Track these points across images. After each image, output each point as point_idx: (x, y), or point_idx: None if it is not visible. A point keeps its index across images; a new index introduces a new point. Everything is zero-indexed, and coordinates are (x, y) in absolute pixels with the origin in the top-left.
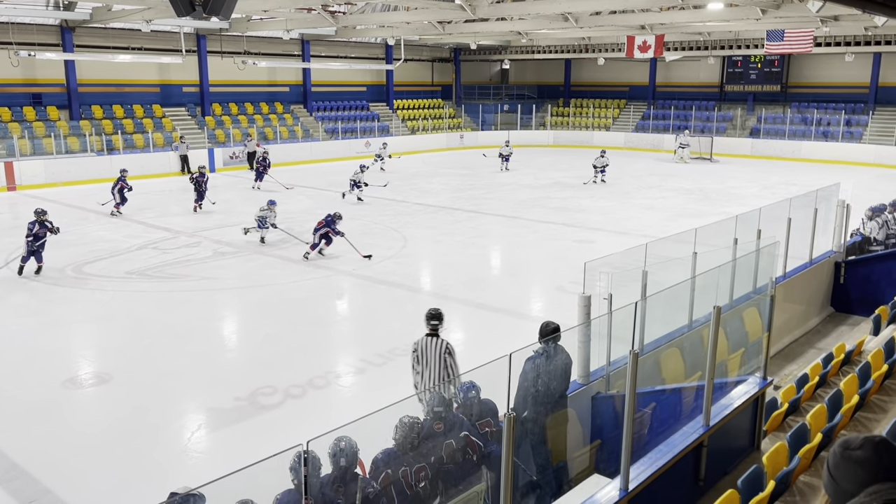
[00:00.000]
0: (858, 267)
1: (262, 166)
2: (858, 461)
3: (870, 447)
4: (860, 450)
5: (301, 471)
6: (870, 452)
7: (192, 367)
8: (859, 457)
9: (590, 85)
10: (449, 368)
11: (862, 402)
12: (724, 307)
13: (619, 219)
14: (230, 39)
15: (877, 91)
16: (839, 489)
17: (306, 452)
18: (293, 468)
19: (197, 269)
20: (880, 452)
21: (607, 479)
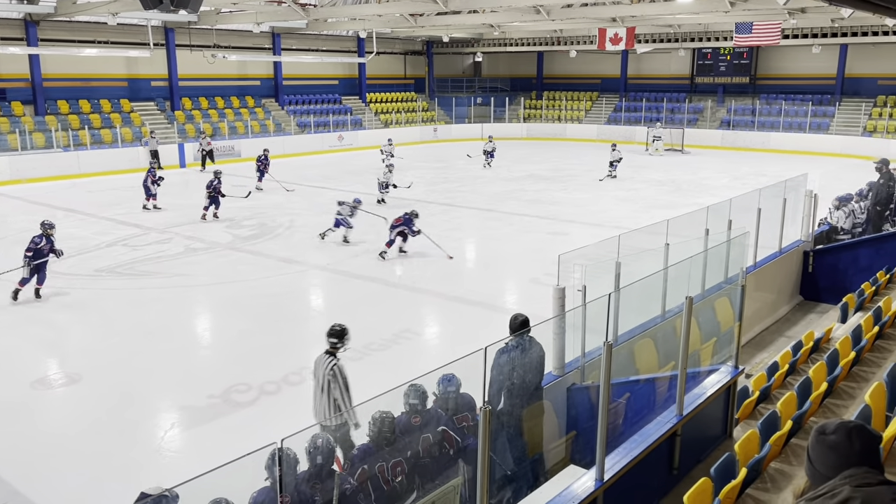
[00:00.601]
0: (826, 256)
1: (264, 165)
2: (831, 445)
3: (843, 432)
4: (834, 434)
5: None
6: (842, 437)
7: (165, 365)
8: (832, 441)
9: (562, 77)
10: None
11: (830, 389)
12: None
13: (592, 211)
14: (199, 33)
15: (843, 82)
16: (816, 472)
17: (281, 450)
18: (268, 466)
19: (168, 266)
20: (852, 438)
21: (583, 470)
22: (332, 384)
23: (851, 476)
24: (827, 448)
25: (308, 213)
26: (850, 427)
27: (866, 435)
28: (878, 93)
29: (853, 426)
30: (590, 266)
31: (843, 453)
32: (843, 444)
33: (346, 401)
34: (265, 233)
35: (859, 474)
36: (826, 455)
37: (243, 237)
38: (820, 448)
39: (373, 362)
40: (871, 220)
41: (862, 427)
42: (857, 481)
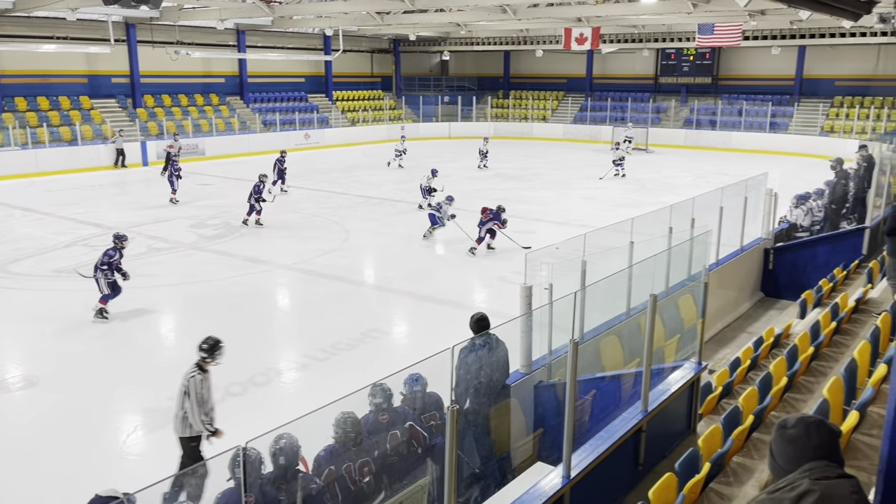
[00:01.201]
0: (786, 253)
1: (282, 166)
2: (790, 439)
3: (802, 426)
4: (793, 429)
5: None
6: (801, 431)
7: (127, 367)
8: (791, 435)
9: (529, 77)
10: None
11: (790, 384)
12: (661, 295)
13: (558, 209)
14: (161, 29)
15: (801, 83)
16: (777, 466)
17: (245, 449)
18: (231, 467)
19: (130, 266)
20: (811, 432)
21: (550, 467)
22: (185, 397)
23: (811, 469)
24: (786, 442)
25: (274, 213)
26: (809, 422)
27: (825, 429)
28: (836, 93)
29: (812, 421)
30: (556, 264)
31: (800, 447)
32: (801, 438)
33: (194, 415)
34: (230, 232)
35: (819, 468)
36: (785, 449)
37: (208, 237)
38: (780, 442)
39: (340, 362)
40: (828, 218)
41: (821, 422)
42: (816, 474)
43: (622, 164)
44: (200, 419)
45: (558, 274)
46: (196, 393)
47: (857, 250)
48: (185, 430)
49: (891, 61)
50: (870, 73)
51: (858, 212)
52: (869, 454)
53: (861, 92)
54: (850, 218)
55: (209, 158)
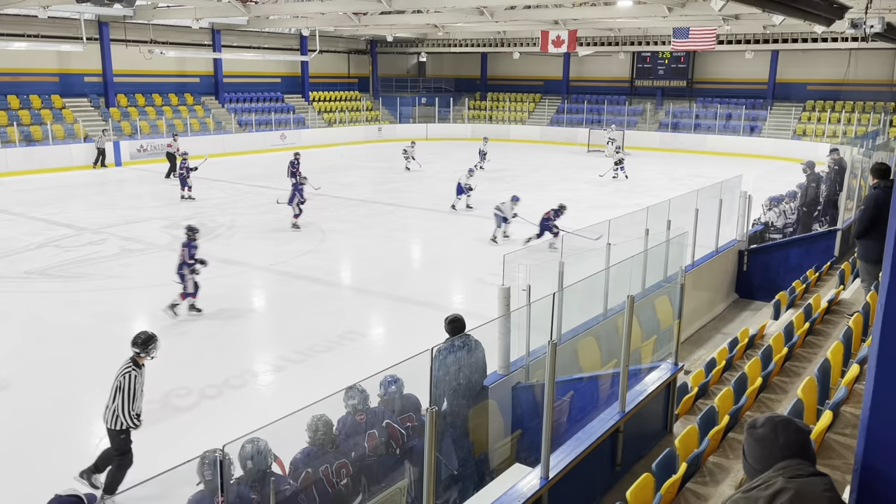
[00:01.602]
0: (760, 255)
1: (296, 168)
2: (758, 439)
3: (769, 426)
4: (762, 428)
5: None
6: (769, 431)
7: (99, 370)
8: (760, 435)
9: (506, 79)
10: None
11: (765, 384)
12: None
13: (536, 211)
14: (135, 27)
15: (774, 87)
16: (749, 466)
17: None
18: (200, 471)
19: (103, 268)
20: (778, 431)
21: (528, 469)
22: (118, 392)
23: (784, 468)
24: (755, 441)
25: (249, 213)
26: (776, 421)
27: (792, 428)
28: (808, 97)
29: (779, 420)
30: (534, 266)
31: (768, 446)
32: (768, 438)
33: (125, 411)
34: (205, 233)
35: (792, 466)
36: (754, 448)
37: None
38: (750, 442)
39: (317, 364)
40: (801, 220)
41: (788, 421)
42: (790, 473)
43: (622, 166)
44: (129, 414)
45: (536, 275)
46: (129, 389)
47: (830, 252)
48: (115, 424)
49: (861, 66)
50: (841, 77)
51: (830, 214)
52: (843, 453)
53: (832, 96)
54: (822, 220)
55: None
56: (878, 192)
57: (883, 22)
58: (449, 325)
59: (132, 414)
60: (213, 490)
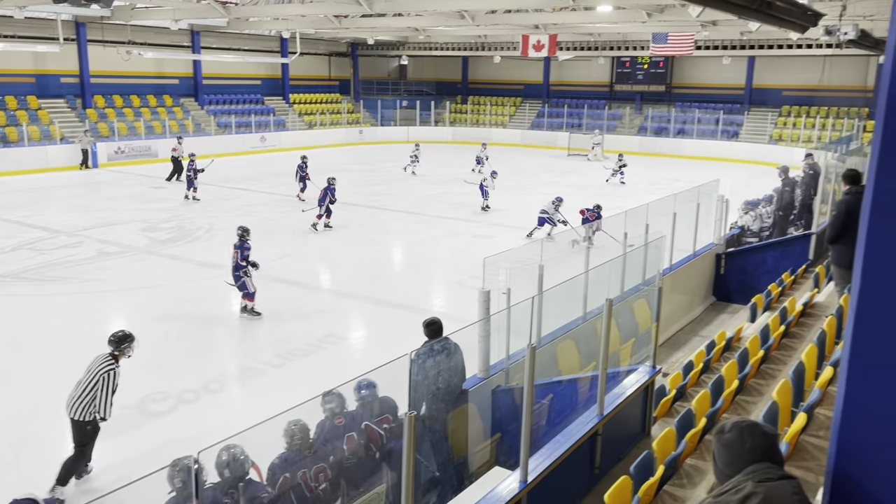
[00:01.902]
0: (736, 258)
1: (304, 172)
2: (725, 443)
3: (736, 431)
4: (729, 433)
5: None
6: (735, 436)
7: (74, 374)
8: (727, 439)
9: (487, 83)
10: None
11: (742, 387)
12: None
13: (516, 214)
14: (113, 28)
15: (751, 92)
16: (718, 470)
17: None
18: (170, 478)
19: (79, 271)
20: (744, 436)
21: (508, 472)
22: (101, 385)
23: (754, 472)
24: (723, 446)
25: (228, 216)
26: (743, 426)
27: (758, 432)
28: (783, 103)
29: (746, 425)
30: (514, 269)
31: (735, 450)
32: (735, 442)
33: (105, 403)
34: (183, 236)
35: (761, 469)
36: (722, 453)
37: (160, 241)
38: (718, 447)
39: (296, 368)
40: (776, 224)
41: (755, 425)
42: (759, 476)
43: (623, 173)
44: (107, 409)
45: (516, 278)
46: (110, 384)
47: (805, 256)
48: (84, 415)
49: (835, 73)
50: (815, 83)
51: (805, 218)
52: (816, 455)
53: (807, 102)
54: (797, 224)
55: (162, 161)
56: (850, 197)
57: (857, 29)
58: (427, 329)
59: (108, 410)
60: (185, 497)
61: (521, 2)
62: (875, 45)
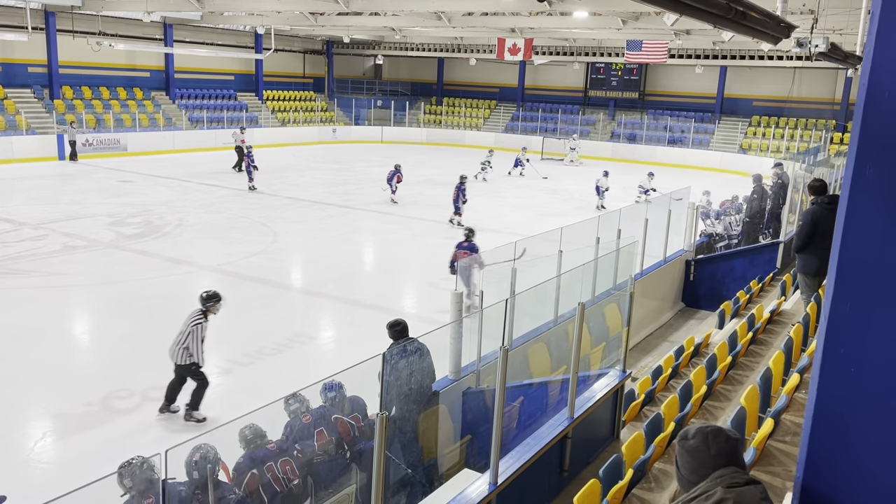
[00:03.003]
0: (706, 265)
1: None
2: (690, 450)
3: (700, 437)
4: (693, 440)
5: (129, 481)
6: (700, 442)
7: (37, 370)
8: (691, 446)
9: (462, 84)
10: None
11: (710, 392)
12: (588, 303)
13: (488, 217)
14: (83, 18)
15: (722, 102)
16: (682, 477)
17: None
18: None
19: (43, 265)
20: (708, 442)
21: (477, 474)
22: (191, 337)
23: (721, 477)
24: (687, 453)
25: (199, 212)
26: (707, 431)
27: (722, 438)
28: (754, 113)
29: (710, 430)
30: (486, 271)
31: (700, 457)
32: (700, 448)
33: (197, 351)
34: (152, 231)
35: (728, 474)
36: (687, 460)
37: (128, 235)
38: (682, 453)
39: (265, 367)
40: (745, 232)
41: (718, 430)
42: (727, 482)
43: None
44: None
45: (488, 281)
46: (201, 335)
47: (773, 263)
48: (185, 360)
49: (805, 84)
50: (785, 94)
51: (774, 227)
52: (783, 460)
53: (777, 112)
54: (766, 233)
55: (131, 154)
56: (816, 207)
57: (827, 42)
58: (391, 330)
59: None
60: (138, 494)
61: (497, 5)
62: (844, 58)
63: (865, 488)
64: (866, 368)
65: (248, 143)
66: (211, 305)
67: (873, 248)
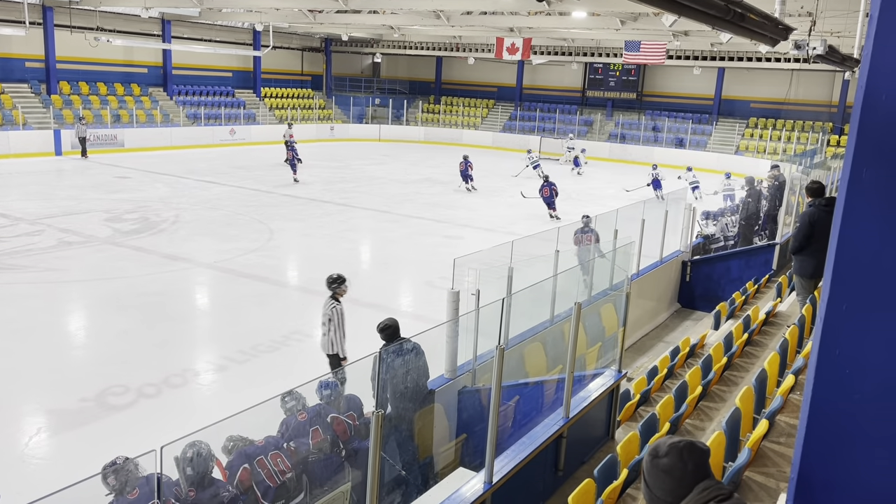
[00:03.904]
0: (702, 266)
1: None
2: (666, 469)
3: (675, 454)
4: (666, 458)
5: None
6: (675, 459)
7: (32, 366)
8: (666, 465)
9: (460, 84)
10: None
11: (705, 393)
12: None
13: (486, 216)
14: (81, 13)
15: (720, 103)
16: (656, 499)
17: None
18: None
19: (39, 260)
20: (685, 459)
21: (472, 473)
22: (331, 325)
23: (707, 489)
24: (662, 472)
25: (195, 208)
26: (680, 447)
27: (697, 451)
28: (751, 114)
29: (683, 445)
30: (483, 270)
31: (678, 475)
32: (677, 466)
33: (338, 340)
34: (148, 227)
35: (713, 486)
36: (662, 479)
37: (124, 231)
38: (655, 472)
39: (260, 365)
40: (742, 233)
41: (691, 445)
42: (713, 493)
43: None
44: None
45: (485, 280)
46: (338, 319)
47: (769, 265)
48: (331, 349)
49: (802, 87)
50: (782, 96)
51: (770, 228)
52: (777, 461)
53: (774, 114)
54: (762, 234)
55: (128, 150)
56: (813, 209)
57: (825, 44)
58: (382, 333)
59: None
60: (120, 493)
61: (496, 4)
62: (842, 60)
63: (860, 489)
64: (862, 370)
65: (294, 138)
66: (337, 287)
67: (870, 250)
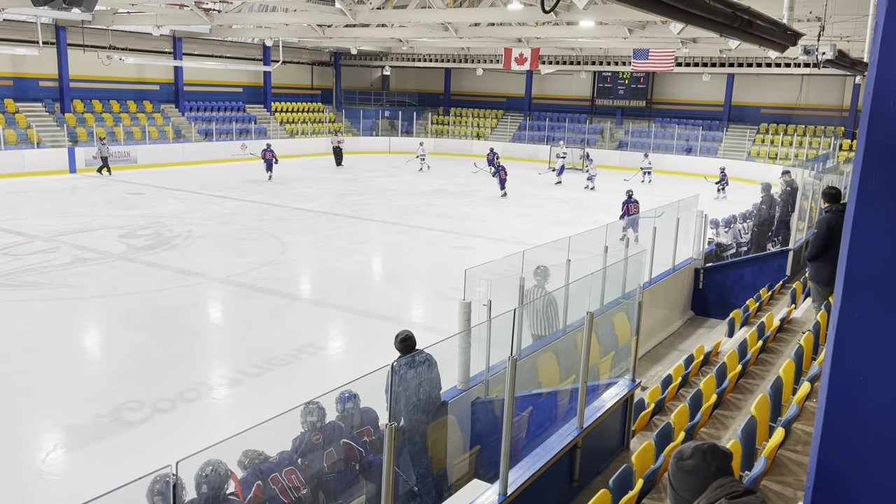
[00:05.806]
0: (715, 273)
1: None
2: (690, 470)
3: (699, 455)
4: (690, 459)
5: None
6: (699, 460)
7: (48, 382)
8: (690, 466)
9: (469, 94)
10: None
11: (720, 401)
12: (596, 312)
13: (497, 226)
14: (93, 32)
15: (730, 109)
16: (679, 497)
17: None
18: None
19: (54, 277)
20: (708, 459)
21: (487, 485)
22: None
23: (721, 487)
24: (686, 473)
25: (208, 223)
26: (704, 449)
27: (720, 453)
28: (762, 120)
29: (707, 447)
30: (495, 281)
31: (702, 476)
32: (700, 467)
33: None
34: (162, 243)
35: (727, 484)
36: (687, 480)
37: (138, 247)
38: (680, 474)
39: (274, 378)
40: (755, 239)
41: (714, 447)
42: (727, 490)
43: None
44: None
45: (497, 290)
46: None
47: (782, 271)
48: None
49: (812, 91)
50: (793, 102)
51: (783, 234)
52: (794, 470)
53: (785, 120)
54: (775, 240)
55: (142, 167)
56: (830, 215)
57: (834, 49)
58: (401, 344)
59: None
60: None
61: (504, 15)
62: (852, 65)
63: (876, 498)
64: (876, 377)
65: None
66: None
67: (881, 257)
